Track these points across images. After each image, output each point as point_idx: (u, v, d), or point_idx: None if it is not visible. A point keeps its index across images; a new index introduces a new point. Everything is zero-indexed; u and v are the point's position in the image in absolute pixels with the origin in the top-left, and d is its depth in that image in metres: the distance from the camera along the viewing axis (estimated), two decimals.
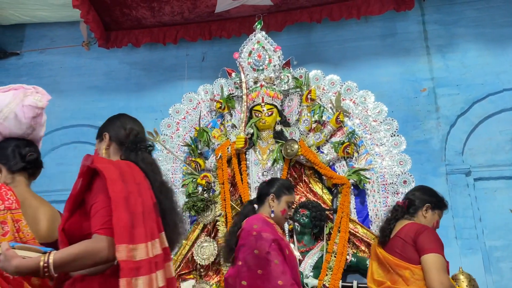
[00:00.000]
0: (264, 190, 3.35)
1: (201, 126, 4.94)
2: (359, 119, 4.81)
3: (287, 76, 4.78)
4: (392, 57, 5.53)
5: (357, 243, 4.38)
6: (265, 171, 4.55)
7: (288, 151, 4.47)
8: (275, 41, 5.13)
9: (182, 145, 5.00)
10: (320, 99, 4.93)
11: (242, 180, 4.53)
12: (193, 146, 4.88)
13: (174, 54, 5.84)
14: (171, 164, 4.98)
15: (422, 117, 5.26)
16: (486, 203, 4.90)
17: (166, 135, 5.07)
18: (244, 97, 4.61)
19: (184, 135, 5.06)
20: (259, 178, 4.53)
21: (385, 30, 5.64)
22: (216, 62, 5.74)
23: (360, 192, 4.58)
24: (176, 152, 5.02)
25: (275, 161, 4.46)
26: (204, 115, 5.11)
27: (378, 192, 4.56)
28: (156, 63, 5.89)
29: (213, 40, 5.65)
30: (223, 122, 4.95)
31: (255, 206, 3.36)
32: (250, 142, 4.63)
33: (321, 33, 5.69)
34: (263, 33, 4.87)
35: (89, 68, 6.02)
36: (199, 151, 4.89)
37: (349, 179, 4.50)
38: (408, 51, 5.54)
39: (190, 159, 4.87)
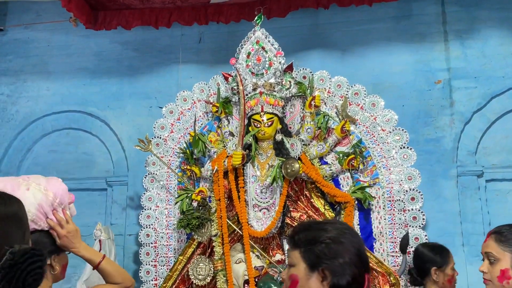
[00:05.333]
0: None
1: (197, 130, 4.39)
2: (367, 126, 4.25)
3: (289, 81, 4.16)
4: (405, 42, 4.78)
5: None
6: (263, 188, 4.11)
7: (288, 170, 4.00)
8: (277, 23, 4.57)
9: (176, 151, 4.49)
10: (325, 103, 4.33)
11: (239, 198, 4.11)
12: (188, 152, 4.36)
13: (168, 33, 5.09)
14: (165, 169, 4.49)
15: (435, 113, 4.63)
16: (497, 206, 4.43)
17: (160, 137, 4.53)
18: (241, 112, 4.02)
19: (179, 138, 4.53)
20: (257, 195, 4.11)
21: (400, 11, 4.82)
22: (215, 44, 5.05)
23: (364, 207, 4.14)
24: (171, 156, 4.53)
25: (274, 180, 4.00)
26: (200, 116, 4.52)
27: (383, 208, 4.13)
28: (150, 44, 5.19)
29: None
30: (219, 126, 4.41)
31: None
32: (248, 155, 4.13)
33: (329, 14, 4.89)
34: (263, 30, 4.17)
35: (78, 48, 5.31)
36: (194, 157, 4.37)
37: (353, 197, 4.06)
38: (423, 37, 4.77)
39: (185, 167, 4.38)
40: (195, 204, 4.14)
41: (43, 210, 2.23)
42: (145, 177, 4.52)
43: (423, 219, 4.04)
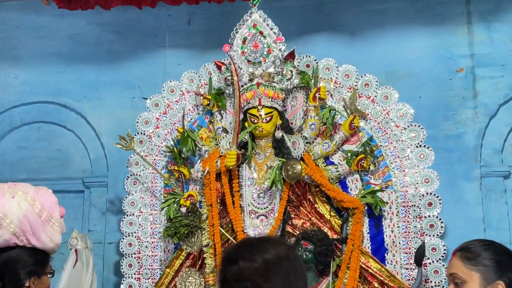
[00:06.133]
0: None
1: (186, 126, 4.36)
2: (378, 122, 4.25)
3: (291, 71, 4.16)
4: (423, 25, 4.75)
5: (369, 279, 4.06)
6: (261, 193, 4.12)
7: (289, 172, 4.00)
8: (277, 2, 4.62)
9: (163, 150, 4.49)
10: (332, 96, 4.33)
11: (233, 203, 4.12)
12: (175, 150, 4.36)
13: (153, 14, 5.05)
14: (150, 170, 4.48)
15: (456, 105, 4.63)
16: None
17: (144, 133, 4.53)
18: (236, 106, 4.01)
19: (165, 135, 4.53)
20: (254, 200, 4.12)
21: None
22: (206, 27, 5.03)
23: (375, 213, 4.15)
24: (156, 155, 4.53)
25: (273, 184, 3.99)
26: (189, 109, 4.52)
27: (397, 215, 4.14)
28: (132, 26, 5.16)
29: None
30: (211, 121, 4.41)
31: None
32: (244, 155, 4.13)
33: None
34: (261, 12, 4.16)
35: (51, 30, 5.26)
36: (183, 156, 4.36)
37: (362, 202, 4.07)
38: (443, 18, 4.74)
39: (172, 167, 4.38)
40: (183, 210, 4.13)
41: (28, 223, 2.20)
42: (127, 179, 4.52)
43: (442, 227, 4.04)
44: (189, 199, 4.15)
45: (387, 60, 4.68)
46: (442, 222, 4.04)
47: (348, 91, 4.28)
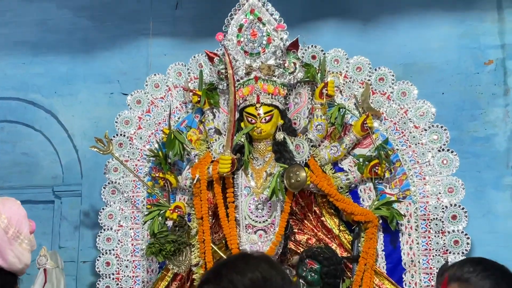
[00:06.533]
0: None
1: (172, 127, 4.41)
2: (395, 122, 4.31)
3: (294, 63, 4.19)
4: (447, 10, 4.83)
5: None
6: (259, 204, 4.15)
7: (292, 180, 4.01)
8: None
9: (146, 154, 4.53)
10: (341, 92, 4.37)
11: (227, 216, 4.14)
12: (160, 155, 4.39)
13: None
14: (131, 177, 4.52)
15: (484, 103, 4.70)
16: None
17: (124, 135, 4.57)
18: (231, 103, 4.05)
19: (149, 137, 4.57)
20: (251, 212, 4.16)
21: None
22: (196, 11, 5.10)
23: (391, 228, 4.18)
24: (138, 160, 4.57)
25: (273, 193, 4.00)
26: (177, 107, 4.56)
27: (416, 229, 4.18)
28: (110, 10, 5.22)
29: None
30: (202, 120, 4.44)
31: None
32: (240, 160, 4.15)
33: None
34: None
35: (17, 14, 5.32)
36: (169, 162, 4.41)
37: (376, 215, 4.10)
38: (470, 3, 4.82)
39: (157, 174, 4.42)
40: (170, 223, 4.16)
41: None
42: (104, 187, 4.55)
43: (468, 243, 4.09)
44: (176, 211, 4.16)
45: (405, 51, 4.73)
46: (468, 238, 4.08)
47: (360, 87, 4.32)
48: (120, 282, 4.42)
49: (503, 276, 2.18)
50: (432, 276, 4.04)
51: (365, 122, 4.17)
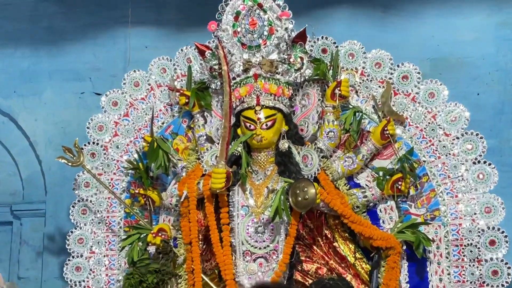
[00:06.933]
0: None
1: (155, 133, 4.41)
2: (421, 129, 4.30)
3: (301, 58, 4.18)
4: None
5: None
6: (260, 226, 4.12)
7: (299, 198, 3.96)
8: None
9: (123, 166, 4.53)
10: (357, 92, 4.37)
11: (221, 241, 4.11)
12: (141, 167, 4.38)
13: None
14: (105, 194, 4.51)
15: None
16: None
17: (97, 143, 4.56)
18: (226, 106, 4.02)
19: (127, 145, 4.58)
20: (250, 236, 4.12)
21: None
22: None
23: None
24: (114, 173, 4.57)
25: (276, 214, 3.94)
26: (161, 111, 4.57)
27: (447, 257, 4.20)
28: None
29: None
30: (191, 126, 4.45)
31: None
32: (236, 174, 4.12)
33: None
34: None
35: None
36: (151, 175, 4.41)
37: (399, 240, 4.09)
38: None
39: (136, 190, 4.41)
40: (152, 250, 4.18)
41: None
42: (73, 206, 4.52)
43: (509, 274, 4.07)
44: (159, 235, 4.17)
45: (433, 44, 4.78)
46: (509, 268, 4.07)
47: (379, 86, 4.32)
48: None
49: None
50: None
51: (385, 128, 4.16)
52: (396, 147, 4.23)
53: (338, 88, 4.15)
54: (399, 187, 4.11)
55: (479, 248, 4.12)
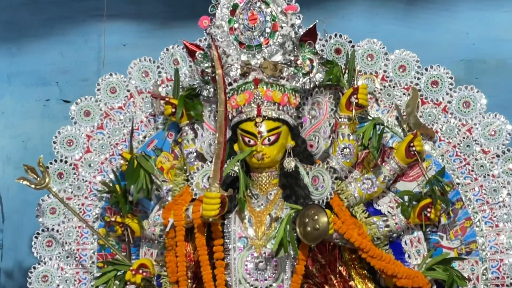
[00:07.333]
0: None
1: (135, 150, 4.45)
2: (455, 146, 4.29)
3: (310, 60, 4.17)
4: None
5: None
6: (261, 261, 4.09)
7: (308, 229, 3.89)
8: None
9: (97, 189, 4.54)
10: (377, 101, 4.38)
11: (214, 279, 4.08)
12: (118, 190, 4.38)
13: None
14: (75, 222, 4.52)
15: None
16: None
17: (65, 161, 4.57)
18: (220, 117, 3.97)
19: (101, 164, 4.59)
20: (249, 273, 4.08)
21: None
22: None
23: None
24: (86, 197, 4.57)
25: (281, 247, 3.89)
26: (142, 122, 4.59)
27: None
28: None
29: None
30: (178, 141, 4.46)
31: None
32: (233, 199, 4.10)
33: None
34: None
35: None
36: (130, 200, 4.40)
37: (428, 278, 4.08)
38: None
39: (112, 218, 4.41)
40: None
41: None
42: (36, 237, 4.50)
43: None
44: (140, 272, 4.18)
45: (467, 43, 4.77)
46: None
47: (404, 94, 4.31)
48: None
49: None
50: None
51: (411, 144, 4.15)
52: (424, 166, 4.22)
53: (355, 96, 4.13)
54: (428, 214, 4.10)
55: None
